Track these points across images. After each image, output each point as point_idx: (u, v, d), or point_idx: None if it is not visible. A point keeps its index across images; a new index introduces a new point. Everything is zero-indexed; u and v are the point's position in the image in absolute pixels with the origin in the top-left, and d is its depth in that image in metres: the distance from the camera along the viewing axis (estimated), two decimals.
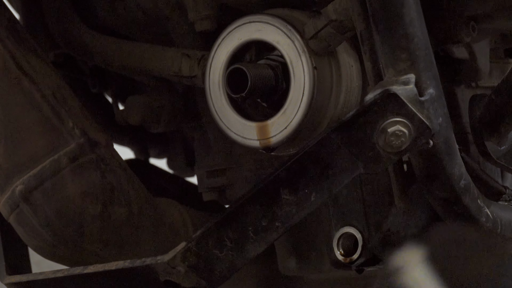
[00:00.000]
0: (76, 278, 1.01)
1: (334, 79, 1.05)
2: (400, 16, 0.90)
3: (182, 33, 1.18)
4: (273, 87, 1.04)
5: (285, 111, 1.03)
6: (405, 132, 0.90)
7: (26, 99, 1.09)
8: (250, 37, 1.05)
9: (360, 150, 0.90)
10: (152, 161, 1.68)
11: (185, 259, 0.93)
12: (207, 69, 1.08)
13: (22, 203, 1.07)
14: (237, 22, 1.06)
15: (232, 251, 0.92)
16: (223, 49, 1.07)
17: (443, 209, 0.98)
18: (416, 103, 0.90)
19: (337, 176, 0.91)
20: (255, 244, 0.91)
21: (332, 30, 1.00)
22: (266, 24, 1.04)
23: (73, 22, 1.24)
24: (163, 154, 1.69)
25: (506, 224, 1.04)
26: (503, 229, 1.03)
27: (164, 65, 1.17)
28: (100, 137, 1.11)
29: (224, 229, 0.92)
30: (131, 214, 1.11)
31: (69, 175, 1.07)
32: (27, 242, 1.11)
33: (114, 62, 1.22)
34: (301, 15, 1.06)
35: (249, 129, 1.05)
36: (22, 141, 1.08)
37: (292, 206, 0.91)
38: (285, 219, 0.91)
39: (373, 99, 0.90)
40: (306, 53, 1.02)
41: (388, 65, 0.91)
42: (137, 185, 1.13)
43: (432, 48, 0.92)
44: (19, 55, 1.10)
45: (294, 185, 0.91)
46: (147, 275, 0.97)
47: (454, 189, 0.96)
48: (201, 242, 0.93)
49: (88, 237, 1.08)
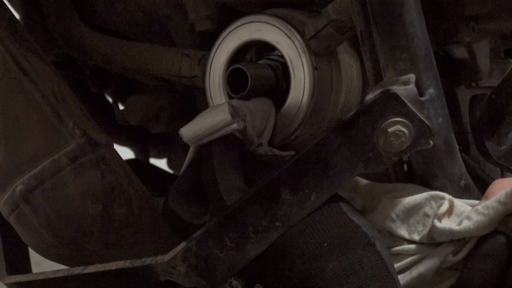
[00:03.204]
0: (76, 278, 1.01)
1: (334, 79, 1.05)
2: (400, 16, 0.90)
3: (182, 33, 1.18)
4: (273, 87, 1.04)
5: (285, 111, 1.03)
6: (405, 132, 0.90)
7: (26, 99, 1.09)
8: (250, 37, 1.05)
9: (360, 150, 0.90)
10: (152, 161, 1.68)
11: (185, 259, 0.93)
12: (207, 69, 1.08)
13: (22, 203, 1.07)
14: (237, 22, 1.06)
15: (232, 251, 0.92)
16: (223, 49, 1.07)
17: None
18: (416, 103, 0.90)
19: (337, 176, 0.91)
20: (255, 244, 0.91)
21: (332, 30, 1.00)
22: (266, 24, 1.04)
23: (73, 22, 1.24)
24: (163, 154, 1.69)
25: None
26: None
27: (164, 65, 1.17)
28: (100, 137, 1.11)
29: (224, 229, 0.92)
30: (131, 214, 1.11)
31: (69, 175, 1.07)
32: (27, 242, 1.11)
33: (114, 62, 1.22)
34: (301, 15, 1.06)
35: None
36: (22, 141, 1.08)
37: (292, 206, 0.91)
38: (285, 219, 0.91)
39: (373, 99, 0.90)
40: (306, 53, 1.02)
41: (388, 65, 0.91)
42: (137, 185, 1.13)
43: (432, 48, 0.92)
44: (19, 55, 1.10)
45: (294, 185, 0.91)
46: (147, 275, 0.97)
47: (454, 189, 0.96)
48: (201, 242, 0.93)
49: (88, 237, 1.08)
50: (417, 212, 0.93)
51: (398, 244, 0.94)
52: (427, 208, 0.93)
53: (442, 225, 0.90)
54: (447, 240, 0.91)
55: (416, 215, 0.93)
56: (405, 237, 0.93)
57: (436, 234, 0.91)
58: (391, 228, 0.93)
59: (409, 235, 0.93)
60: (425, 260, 0.92)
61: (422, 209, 0.93)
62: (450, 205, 0.92)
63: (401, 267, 0.93)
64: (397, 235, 0.93)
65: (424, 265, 0.92)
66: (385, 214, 0.94)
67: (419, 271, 0.92)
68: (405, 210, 0.93)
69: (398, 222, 0.93)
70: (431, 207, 0.93)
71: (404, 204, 0.94)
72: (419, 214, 0.93)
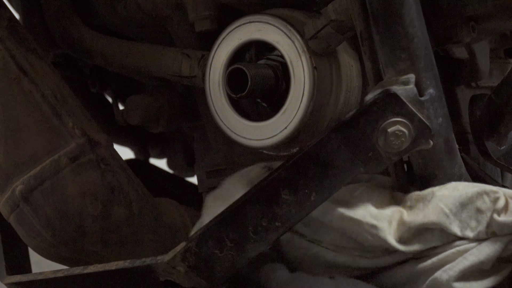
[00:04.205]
0: (76, 278, 1.01)
1: (334, 79, 1.04)
2: (400, 16, 0.90)
3: (182, 33, 1.18)
4: (273, 87, 1.04)
5: (285, 111, 1.03)
6: (405, 132, 0.90)
7: (26, 99, 1.09)
8: (250, 37, 1.05)
9: (360, 150, 0.90)
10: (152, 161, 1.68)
11: (185, 259, 0.93)
12: (207, 69, 1.08)
13: (22, 203, 1.07)
14: (237, 22, 1.06)
15: (232, 251, 0.92)
16: (223, 49, 1.07)
17: None
18: (416, 103, 0.90)
19: (337, 176, 0.91)
20: (255, 244, 0.91)
21: (332, 30, 1.00)
22: (266, 24, 1.04)
23: (73, 22, 1.24)
24: (163, 154, 1.69)
25: None
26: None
27: (164, 65, 1.17)
28: (100, 137, 1.11)
29: (224, 229, 0.92)
30: (131, 214, 1.11)
31: (69, 175, 1.07)
32: (27, 242, 1.11)
33: (114, 62, 1.22)
34: (301, 15, 1.06)
35: (249, 129, 1.05)
36: (22, 141, 1.08)
37: (292, 206, 0.91)
38: (285, 219, 0.91)
39: (373, 99, 0.90)
40: (306, 53, 1.02)
41: (388, 65, 0.91)
42: (137, 185, 1.13)
43: (432, 48, 0.92)
44: (19, 55, 1.10)
45: (294, 185, 0.91)
46: (147, 275, 0.97)
47: None
48: (201, 242, 0.93)
49: (88, 237, 1.08)
50: (469, 207, 0.90)
51: (450, 241, 0.91)
52: (480, 202, 0.90)
53: (504, 218, 0.87)
54: (510, 233, 0.87)
55: (468, 211, 0.90)
56: (457, 234, 0.90)
57: (497, 228, 0.88)
58: (445, 223, 0.89)
59: (461, 232, 0.90)
60: (485, 245, 0.89)
61: (474, 203, 0.90)
62: (506, 200, 0.89)
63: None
64: (449, 232, 0.90)
65: (483, 251, 0.88)
66: (439, 208, 0.90)
67: (479, 258, 0.88)
68: (458, 204, 0.90)
69: (451, 217, 0.90)
70: (484, 202, 0.89)
71: (456, 197, 0.90)
72: (471, 210, 0.90)
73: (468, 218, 0.90)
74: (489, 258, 0.88)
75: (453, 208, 0.90)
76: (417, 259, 0.92)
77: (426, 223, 0.90)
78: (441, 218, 0.90)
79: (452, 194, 0.91)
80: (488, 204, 0.89)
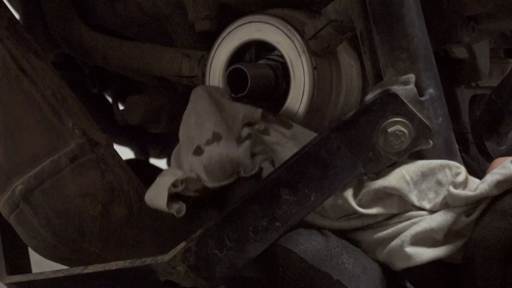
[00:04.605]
0: (76, 278, 1.01)
1: (334, 79, 1.05)
2: (400, 16, 0.90)
3: (182, 33, 1.18)
4: (273, 87, 1.04)
5: (285, 111, 1.03)
6: (405, 132, 0.90)
7: (26, 99, 1.09)
8: (250, 37, 1.05)
9: (360, 150, 0.90)
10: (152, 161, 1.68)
11: (185, 259, 0.93)
12: (207, 69, 1.08)
13: (22, 203, 1.07)
14: (237, 22, 1.06)
15: (232, 251, 0.92)
16: (223, 49, 1.07)
17: None
18: (416, 103, 0.90)
19: (337, 176, 0.91)
20: (255, 244, 0.91)
21: (332, 30, 1.00)
22: (266, 24, 1.04)
23: (73, 22, 1.24)
24: (163, 154, 1.69)
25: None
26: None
27: (164, 65, 1.17)
28: (100, 137, 1.11)
29: (224, 229, 0.92)
30: (131, 214, 1.11)
31: (69, 175, 1.07)
32: (27, 242, 1.11)
33: (114, 62, 1.22)
34: (301, 15, 1.06)
35: None
36: (22, 141, 1.08)
37: (292, 206, 0.91)
38: (285, 219, 0.91)
39: (373, 99, 0.90)
40: (306, 53, 1.02)
41: (388, 65, 0.91)
42: (137, 185, 1.13)
43: (432, 48, 0.92)
44: (19, 55, 1.10)
45: (294, 185, 0.91)
46: (147, 275, 0.97)
47: None
48: (201, 242, 0.93)
49: (88, 237, 1.08)
50: (430, 178, 0.91)
51: (407, 210, 0.91)
52: (441, 175, 0.90)
53: (457, 191, 0.88)
54: (461, 205, 0.88)
55: (429, 182, 0.91)
56: (414, 203, 0.91)
57: (450, 199, 0.88)
58: (404, 190, 0.90)
59: (418, 201, 0.91)
60: (437, 214, 0.89)
61: (435, 175, 0.90)
62: (466, 176, 0.90)
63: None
64: (407, 200, 0.91)
65: (435, 220, 0.89)
66: (400, 174, 0.91)
67: (430, 225, 0.89)
68: (420, 173, 0.91)
69: (411, 185, 0.91)
70: (445, 175, 0.90)
71: (418, 166, 0.91)
72: (432, 181, 0.91)
73: (427, 189, 0.91)
74: (440, 227, 0.88)
75: (414, 176, 0.91)
76: (375, 228, 0.93)
77: (386, 186, 0.90)
78: (401, 184, 0.90)
79: (416, 163, 0.91)
80: (448, 177, 0.90)
